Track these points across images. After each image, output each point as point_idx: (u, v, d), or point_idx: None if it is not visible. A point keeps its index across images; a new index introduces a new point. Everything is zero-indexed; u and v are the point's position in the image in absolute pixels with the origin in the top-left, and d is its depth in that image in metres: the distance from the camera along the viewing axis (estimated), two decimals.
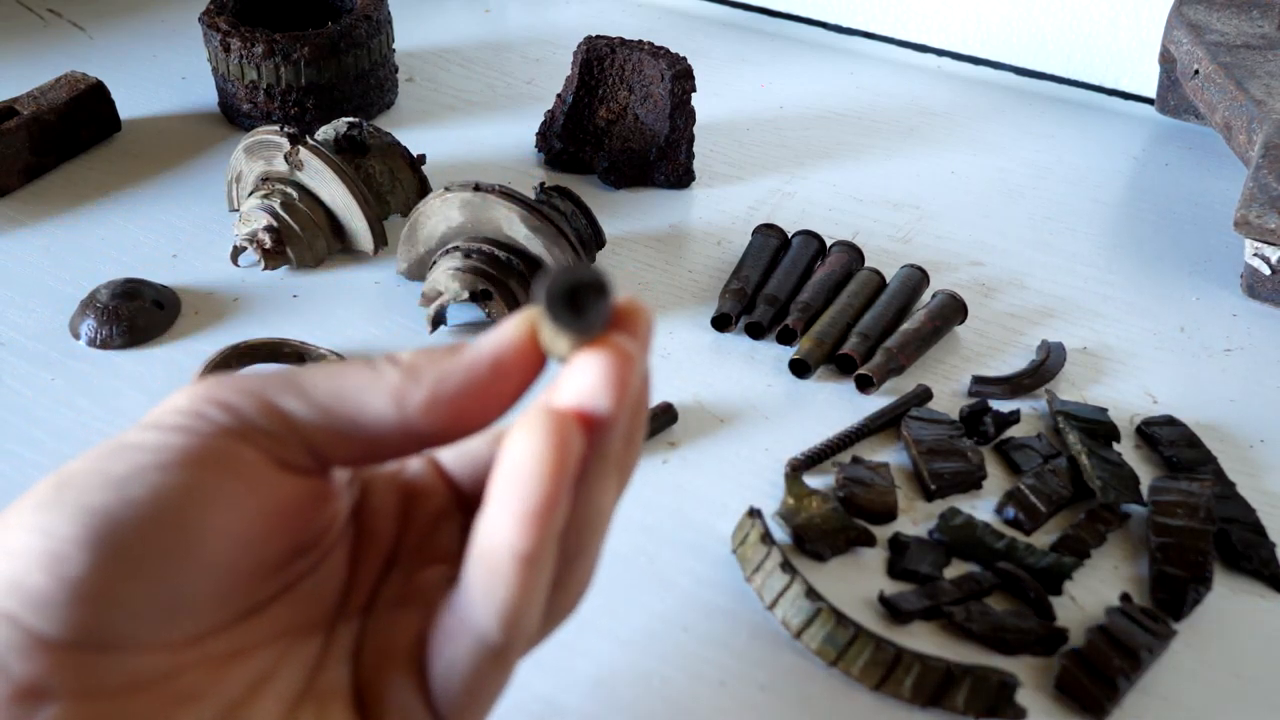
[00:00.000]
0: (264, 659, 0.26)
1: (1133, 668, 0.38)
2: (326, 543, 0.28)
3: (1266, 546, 0.43)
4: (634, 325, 0.25)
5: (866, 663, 0.37)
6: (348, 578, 0.28)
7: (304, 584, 0.27)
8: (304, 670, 0.26)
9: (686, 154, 0.64)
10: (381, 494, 0.29)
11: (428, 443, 0.26)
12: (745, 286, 0.54)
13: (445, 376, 0.25)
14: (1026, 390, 0.50)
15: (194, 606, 0.24)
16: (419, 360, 0.25)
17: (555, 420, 0.23)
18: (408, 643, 0.27)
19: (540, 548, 0.23)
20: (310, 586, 0.27)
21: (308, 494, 0.26)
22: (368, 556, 0.29)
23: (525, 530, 0.23)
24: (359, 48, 0.65)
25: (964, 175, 0.66)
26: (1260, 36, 0.64)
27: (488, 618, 0.24)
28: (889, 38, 0.80)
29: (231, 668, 0.25)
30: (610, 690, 0.38)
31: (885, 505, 0.44)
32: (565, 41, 0.78)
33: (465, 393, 0.25)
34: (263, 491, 0.25)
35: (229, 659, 0.25)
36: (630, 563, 0.42)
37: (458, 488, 0.30)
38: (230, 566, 0.25)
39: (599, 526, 0.26)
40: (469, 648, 0.25)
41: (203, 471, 0.24)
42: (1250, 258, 0.56)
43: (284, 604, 0.26)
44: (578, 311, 0.23)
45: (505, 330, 0.25)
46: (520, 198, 0.51)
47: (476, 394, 0.25)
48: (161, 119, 0.69)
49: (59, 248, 0.58)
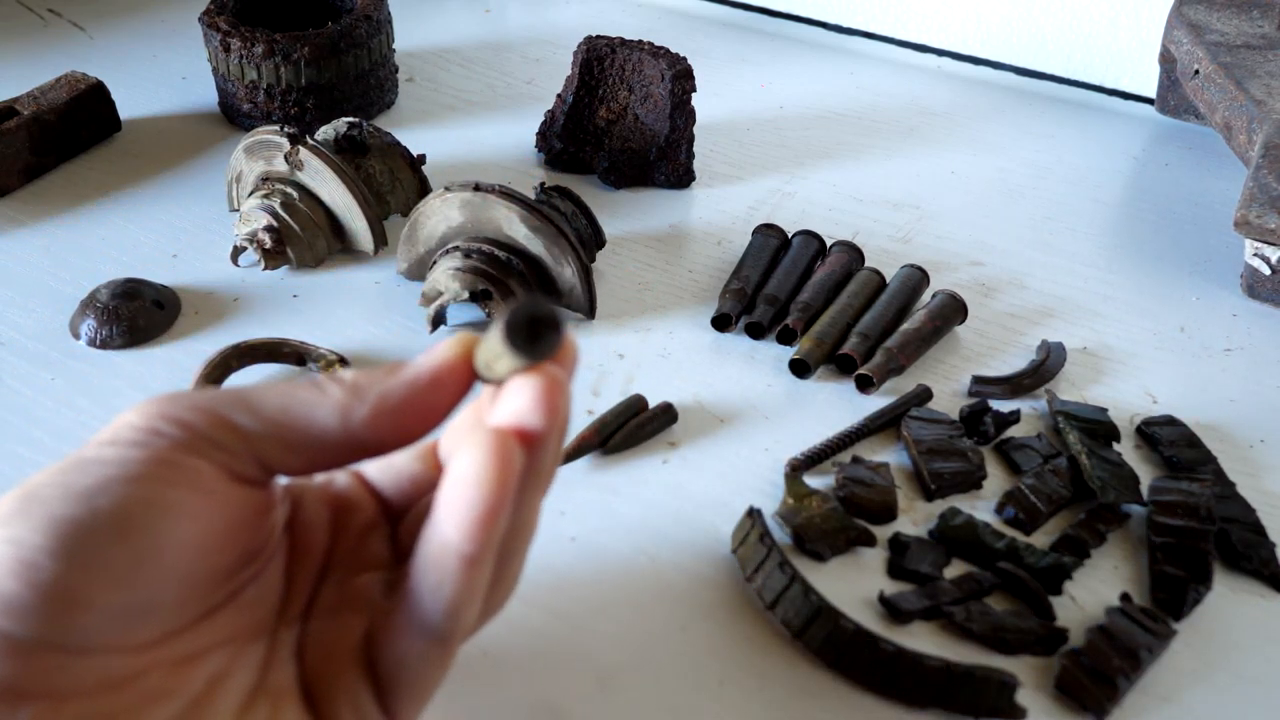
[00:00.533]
0: (218, 660, 0.28)
1: (1133, 668, 0.38)
2: (267, 552, 0.30)
3: (1266, 546, 0.43)
4: (562, 356, 0.28)
5: (866, 663, 0.37)
6: (285, 585, 0.30)
7: (248, 591, 0.29)
8: (254, 671, 0.28)
9: (686, 154, 0.64)
10: (313, 508, 0.31)
11: (368, 453, 0.28)
12: (745, 286, 0.54)
13: (387, 394, 0.27)
14: (1026, 390, 0.50)
15: (158, 610, 0.26)
16: (361, 379, 0.28)
17: (499, 438, 0.26)
18: (354, 643, 0.29)
19: (484, 551, 0.26)
20: (253, 593, 0.29)
21: (256, 504, 0.28)
22: (303, 565, 0.31)
23: (472, 535, 0.26)
24: (359, 48, 0.65)
25: (964, 175, 0.66)
26: (1260, 36, 0.64)
27: (435, 613, 0.27)
28: (889, 38, 0.80)
29: (192, 667, 0.27)
30: (610, 690, 0.38)
31: (885, 505, 0.44)
32: (565, 41, 0.78)
33: (405, 408, 0.27)
34: (218, 502, 0.27)
35: (189, 660, 0.27)
36: (630, 563, 0.42)
37: (384, 500, 0.32)
38: (190, 573, 0.26)
39: (529, 531, 0.29)
40: (417, 642, 0.27)
41: (163, 484, 0.26)
42: (1250, 258, 0.56)
43: (232, 609, 0.28)
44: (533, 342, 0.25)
45: (442, 351, 0.28)
46: (520, 198, 0.51)
47: (415, 409, 0.27)
48: (161, 119, 0.69)
49: (59, 248, 0.58)
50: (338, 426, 0.27)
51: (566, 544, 0.43)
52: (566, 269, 0.52)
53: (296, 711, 0.28)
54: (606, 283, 0.56)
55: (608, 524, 0.44)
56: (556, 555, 0.42)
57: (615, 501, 0.45)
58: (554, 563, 0.42)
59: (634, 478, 0.46)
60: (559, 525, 0.44)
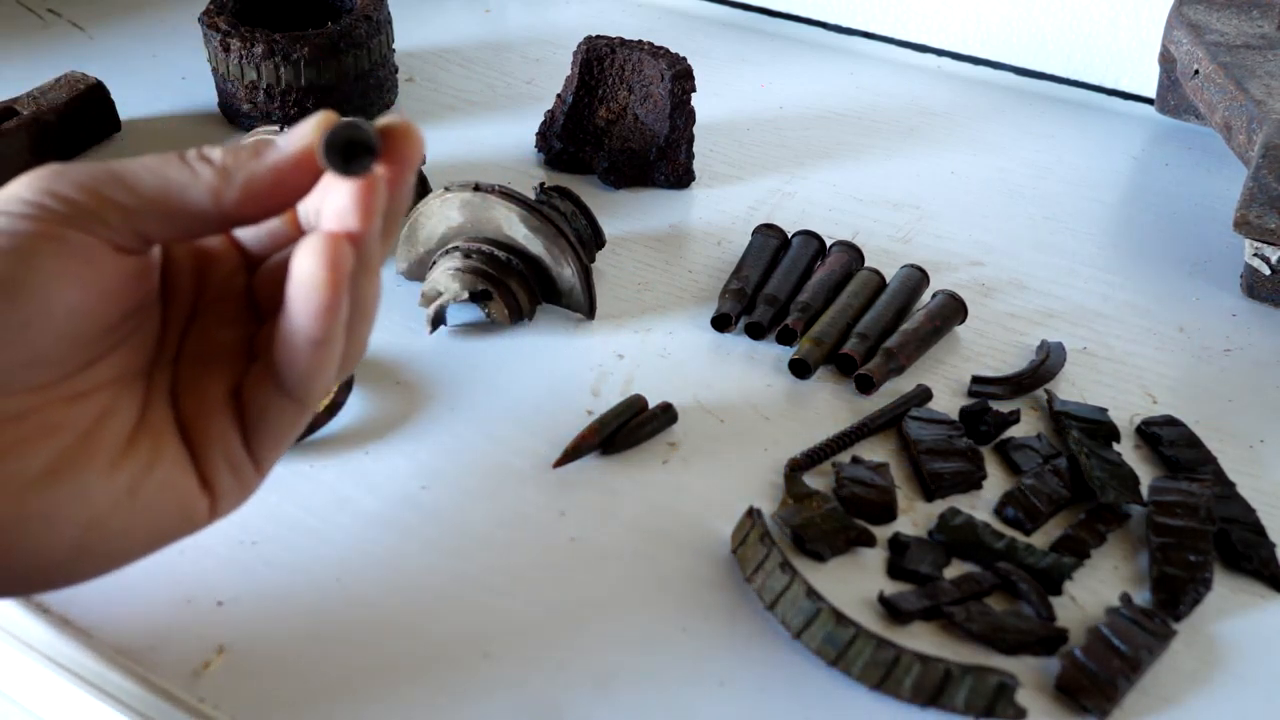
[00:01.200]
0: (103, 398, 0.31)
1: (1133, 668, 0.38)
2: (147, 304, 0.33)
3: (1266, 546, 0.43)
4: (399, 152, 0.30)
5: (866, 663, 0.37)
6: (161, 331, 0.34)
7: (131, 339, 0.32)
8: (136, 408, 0.32)
9: (686, 154, 0.64)
10: (181, 258, 0.34)
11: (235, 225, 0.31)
12: (745, 286, 0.54)
13: (255, 177, 0.30)
14: (1026, 390, 0.50)
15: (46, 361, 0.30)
16: (229, 162, 0.30)
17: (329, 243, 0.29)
18: (223, 392, 0.33)
19: (330, 334, 0.30)
20: (135, 340, 0.33)
21: (136, 270, 0.32)
22: (173, 311, 0.34)
23: (318, 323, 0.30)
24: (359, 48, 0.65)
25: (964, 175, 0.66)
26: (1260, 36, 0.64)
27: (294, 383, 0.31)
28: (889, 38, 0.80)
29: (79, 404, 0.31)
30: (610, 691, 0.38)
31: (885, 505, 0.44)
32: (565, 41, 0.78)
33: (271, 190, 0.30)
34: (99, 270, 0.30)
35: (77, 398, 0.31)
36: (630, 563, 0.42)
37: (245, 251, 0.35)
38: (73, 330, 0.30)
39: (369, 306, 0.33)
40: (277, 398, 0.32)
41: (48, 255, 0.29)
42: (1250, 258, 0.56)
43: (116, 355, 0.32)
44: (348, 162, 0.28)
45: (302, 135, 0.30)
46: (520, 198, 0.51)
47: (279, 190, 0.31)
48: (161, 119, 0.69)
49: None
50: (209, 204, 0.30)
51: (566, 544, 0.43)
52: (566, 269, 0.52)
53: (175, 447, 0.32)
54: (606, 283, 0.56)
55: (608, 524, 0.44)
56: (556, 555, 0.42)
57: (615, 501, 0.45)
58: (554, 563, 0.42)
59: (634, 478, 0.46)
60: (559, 525, 0.44)
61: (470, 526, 0.43)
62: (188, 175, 0.30)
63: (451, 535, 0.43)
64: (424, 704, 0.37)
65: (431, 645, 0.39)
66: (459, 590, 0.41)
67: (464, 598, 0.41)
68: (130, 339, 0.32)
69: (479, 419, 0.48)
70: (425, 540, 0.43)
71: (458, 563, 0.42)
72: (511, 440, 0.47)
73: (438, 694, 0.37)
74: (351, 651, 0.38)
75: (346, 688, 0.37)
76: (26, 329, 0.29)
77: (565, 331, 0.53)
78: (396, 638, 0.39)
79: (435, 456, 0.46)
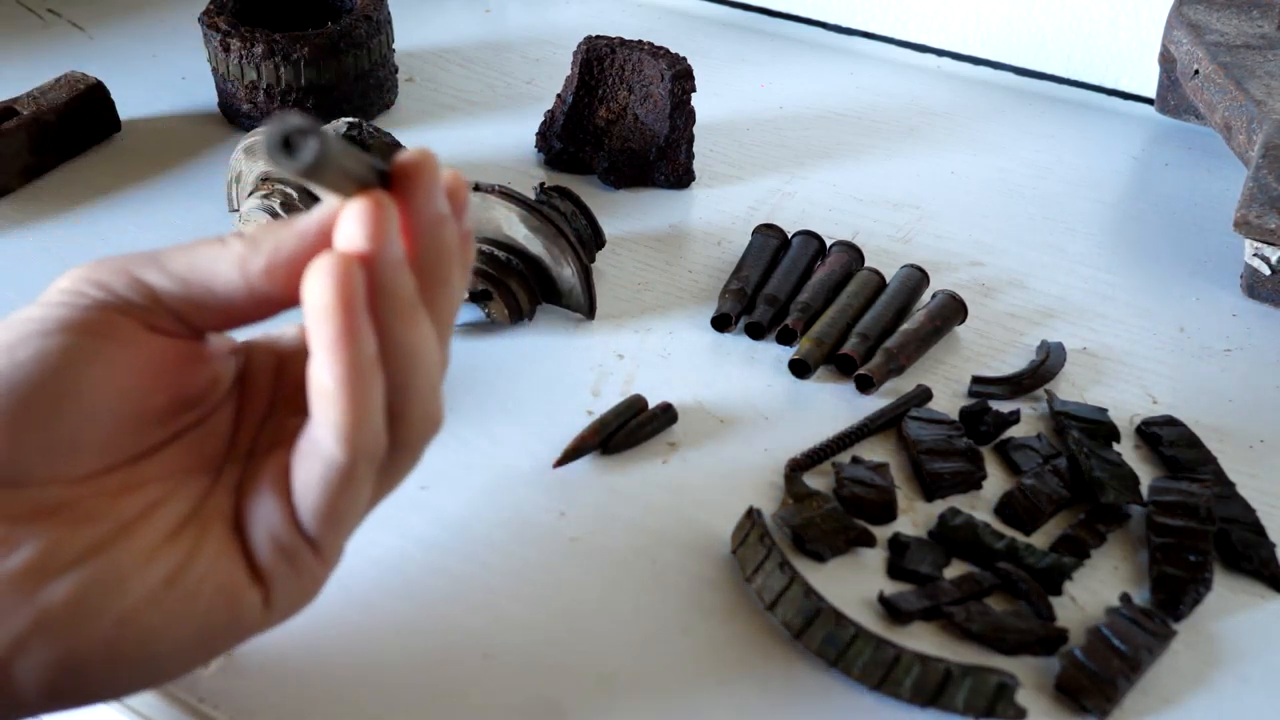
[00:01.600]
0: (155, 491, 0.30)
1: (1133, 668, 0.38)
2: (212, 400, 0.32)
3: (1266, 546, 0.43)
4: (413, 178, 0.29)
5: (866, 663, 0.37)
6: (233, 429, 0.33)
7: (193, 433, 0.32)
8: (192, 501, 0.31)
9: (686, 154, 0.64)
10: (261, 357, 0.34)
11: (274, 305, 0.30)
12: (745, 287, 0.54)
13: (280, 244, 0.29)
14: (1026, 390, 0.50)
15: (84, 448, 0.29)
16: (258, 233, 0.30)
17: (332, 261, 0.27)
18: (277, 473, 0.31)
19: (350, 370, 0.28)
20: (199, 435, 0.32)
21: (181, 354, 0.31)
22: (249, 410, 0.33)
23: (333, 357, 0.28)
24: (359, 48, 0.65)
25: (964, 175, 0.66)
26: (1260, 36, 0.64)
27: (327, 438, 0.29)
28: (889, 38, 0.80)
29: (124, 498, 0.30)
30: (610, 691, 0.38)
31: (885, 505, 0.44)
32: (565, 41, 0.78)
33: (298, 257, 0.29)
34: (135, 349, 0.30)
35: (122, 491, 0.30)
36: (630, 563, 0.42)
37: None
38: (113, 414, 0.29)
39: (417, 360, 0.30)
40: (317, 466, 0.29)
41: (79, 334, 0.29)
42: (1250, 258, 0.56)
43: (176, 449, 0.31)
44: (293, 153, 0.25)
45: (331, 204, 0.29)
46: (520, 198, 0.51)
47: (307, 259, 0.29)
48: (161, 119, 0.69)
49: (59, 248, 0.58)
50: (237, 277, 0.29)
51: (566, 544, 0.43)
52: (566, 269, 0.52)
53: (221, 536, 0.30)
54: (606, 283, 0.56)
55: (608, 524, 0.44)
56: (556, 555, 0.42)
57: (615, 502, 0.45)
58: (554, 563, 0.42)
59: (634, 478, 0.46)
60: (559, 525, 0.44)
61: (470, 526, 0.43)
62: (217, 248, 0.30)
63: (451, 535, 0.43)
64: (424, 704, 0.37)
65: (431, 645, 0.39)
66: (459, 590, 0.41)
67: (464, 598, 0.41)
68: (191, 434, 0.32)
69: (479, 419, 0.48)
70: (425, 540, 0.43)
71: (457, 563, 0.42)
72: (511, 440, 0.47)
73: (438, 694, 0.37)
74: (351, 651, 0.38)
75: (346, 688, 0.37)
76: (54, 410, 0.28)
77: (565, 331, 0.53)
78: (396, 638, 0.39)
79: (435, 456, 0.46)
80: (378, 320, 0.29)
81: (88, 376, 0.29)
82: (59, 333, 0.29)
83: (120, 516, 0.29)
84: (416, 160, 0.29)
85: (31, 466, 0.28)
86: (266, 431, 0.33)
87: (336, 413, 0.28)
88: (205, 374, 0.32)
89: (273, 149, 0.25)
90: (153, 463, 0.31)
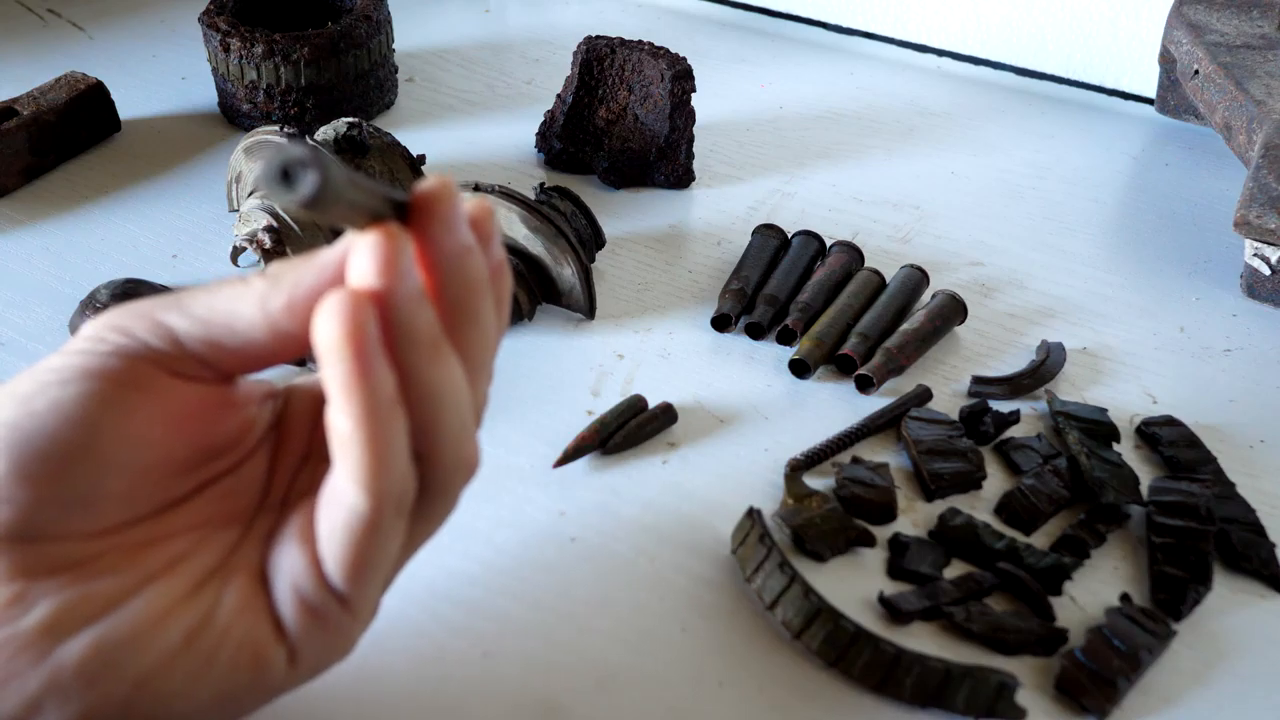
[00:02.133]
0: (181, 544, 0.29)
1: (1133, 668, 0.38)
2: (244, 447, 0.31)
3: (1266, 546, 0.43)
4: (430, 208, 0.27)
5: (866, 663, 0.37)
6: (268, 478, 0.31)
7: (224, 482, 0.30)
8: (220, 553, 0.30)
9: (686, 154, 0.64)
10: (299, 403, 0.33)
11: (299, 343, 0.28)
12: (745, 287, 0.54)
13: (300, 279, 0.28)
14: (1026, 390, 0.50)
15: (104, 501, 0.28)
16: (279, 268, 0.28)
17: (340, 299, 0.26)
18: (303, 523, 0.30)
19: (365, 412, 0.26)
20: (230, 484, 0.31)
21: (207, 400, 0.30)
22: (284, 457, 0.32)
23: (347, 398, 0.26)
24: (359, 48, 0.65)
25: (964, 175, 0.66)
26: (1260, 36, 0.64)
27: (347, 485, 0.27)
28: (889, 38, 0.80)
29: (148, 551, 0.29)
30: (610, 691, 0.38)
31: (885, 505, 0.44)
32: (565, 41, 0.78)
33: (319, 292, 0.27)
34: (158, 396, 0.28)
35: (146, 545, 0.29)
36: (630, 563, 0.42)
37: None
38: (136, 464, 0.28)
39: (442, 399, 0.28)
40: (340, 515, 0.28)
41: (98, 382, 0.27)
42: (1250, 258, 0.56)
43: (204, 499, 0.30)
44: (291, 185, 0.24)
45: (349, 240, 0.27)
46: (520, 198, 0.51)
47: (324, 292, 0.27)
48: (161, 119, 0.69)
49: (59, 248, 0.58)
50: (258, 315, 0.28)
51: (566, 544, 0.43)
52: (566, 269, 0.52)
53: (246, 584, 0.29)
54: (606, 283, 0.56)
55: (608, 524, 0.44)
56: (556, 555, 0.42)
57: (615, 502, 0.45)
58: (554, 563, 0.42)
59: (634, 478, 0.46)
60: (559, 525, 0.44)
61: (470, 526, 0.43)
62: (239, 287, 0.28)
63: (451, 535, 0.43)
64: (424, 704, 0.37)
65: (431, 645, 0.39)
66: (459, 590, 0.41)
67: (464, 597, 0.41)
68: (221, 483, 0.30)
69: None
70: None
71: (458, 562, 0.42)
72: (511, 440, 0.47)
73: (438, 694, 0.37)
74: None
75: (346, 688, 0.37)
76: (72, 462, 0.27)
77: (565, 331, 0.53)
78: (396, 637, 0.39)
79: None
80: (396, 359, 0.27)
81: (107, 426, 0.27)
82: (76, 381, 0.27)
83: (143, 571, 0.28)
84: (434, 190, 0.28)
85: (49, 521, 0.27)
86: (301, 479, 0.31)
87: (355, 457, 0.27)
88: (234, 421, 0.30)
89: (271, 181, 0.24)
90: (179, 514, 0.29)
